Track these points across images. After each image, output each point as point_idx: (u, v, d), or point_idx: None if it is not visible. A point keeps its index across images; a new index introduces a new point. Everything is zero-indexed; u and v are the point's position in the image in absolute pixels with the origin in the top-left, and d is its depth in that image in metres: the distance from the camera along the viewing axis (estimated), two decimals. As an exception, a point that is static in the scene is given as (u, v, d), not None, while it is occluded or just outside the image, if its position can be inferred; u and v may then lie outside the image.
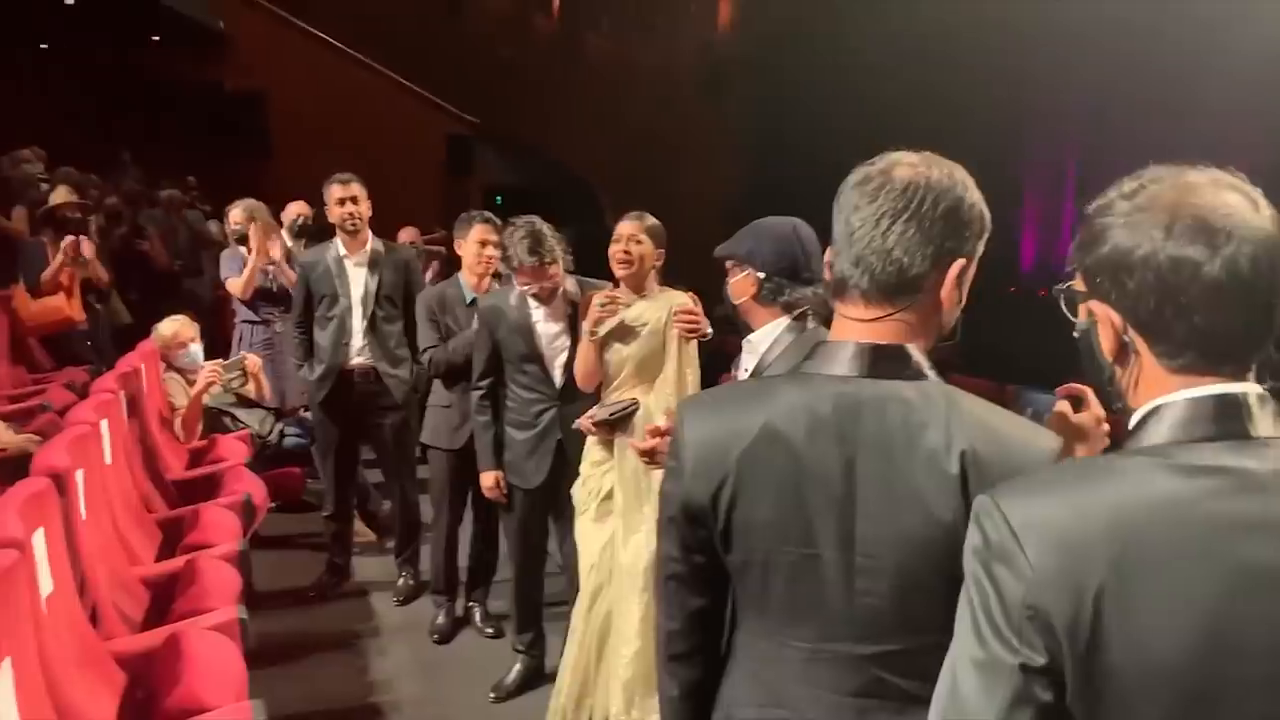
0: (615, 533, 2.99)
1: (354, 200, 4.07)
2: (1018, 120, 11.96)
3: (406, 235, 6.46)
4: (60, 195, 5.72)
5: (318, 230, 5.76)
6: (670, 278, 3.26)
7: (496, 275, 3.91)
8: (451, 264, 4.80)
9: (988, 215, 1.23)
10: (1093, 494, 0.93)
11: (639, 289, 3.05)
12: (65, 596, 2.42)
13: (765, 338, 2.14)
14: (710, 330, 3.01)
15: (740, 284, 2.16)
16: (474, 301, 3.76)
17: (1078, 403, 1.45)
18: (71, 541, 2.57)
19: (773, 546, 1.20)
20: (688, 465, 1.24)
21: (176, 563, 3.12)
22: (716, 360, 5.47)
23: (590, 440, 3.10)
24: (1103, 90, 10.99)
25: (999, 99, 11.23)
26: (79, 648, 2.39)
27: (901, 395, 1.16)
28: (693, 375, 3.00)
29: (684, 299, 3.03)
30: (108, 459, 3.31)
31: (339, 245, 4.15)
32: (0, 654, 1.77)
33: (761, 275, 2.12)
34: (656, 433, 2.26)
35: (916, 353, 1.19)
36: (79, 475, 2.76)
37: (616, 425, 2.97)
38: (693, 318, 2.93)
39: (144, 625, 2.90)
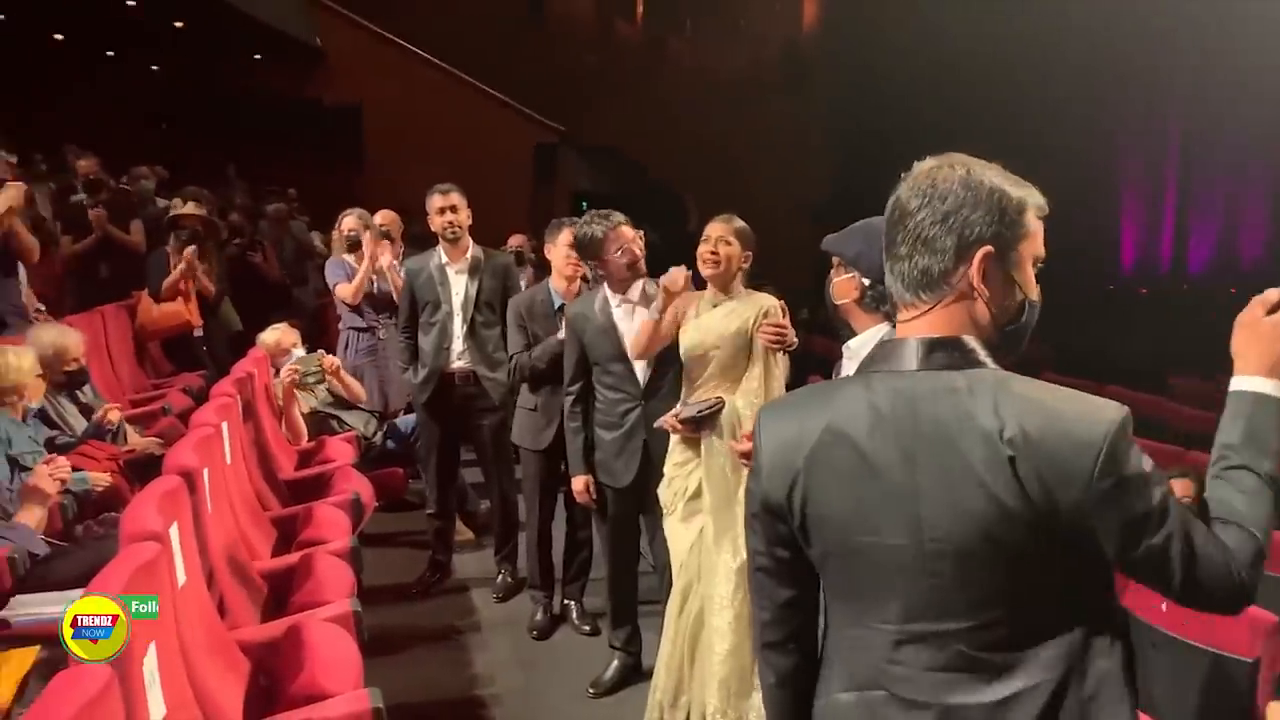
0: (705, 531, 3.03)
1: (453, 209, 4.21)
2: (1115, 117, 11.62)
3: (516, 241, 6.58)
4: (185, 208, 6.04)
5: (412, 238, 5.97)
6: (757, 278, 3.31)
7: (585, 279, 4.00)
8: (541, 269, 4.90)
9: (1014, 198, 1.27)
10: None
11: (725, 289, 3.09)
12: (196, 588, 2.57)
13: (865, 344, 2.12)
14: (796, 341, 3.04)
15: (844, 285, 2.15)
16: (561, 308, 3.86)
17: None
18: (200, 536, 2.73)
19: (846, 538, 1.27)
20: (764, 466, 1.34)
21: (292, 558, 3.27)
22: (807, 361, 5.46)
23: (674, 440, 3.15)
24: (1201, 85, 10.61)
25: (1096, 95, 10.93)
26: (209, 636, 2.54)
27: (954, 385, 1.22)
28: (780, 377, 3.04)
29: (773, 304, 3.05)
30: (228, 459, 3.49)
31: (441, 253, 4.29)
32: (147, 640, 1.90)
33: (866, 281, 2.10)
34: (751, 437, 2.28)
35: (970, 342, 1.25)
36: (205, 474, 2.92)
37: (702, 423, 3.01)
38: (779, 329, 2.95)
39: (264, 617, 3.05)
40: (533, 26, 15.94)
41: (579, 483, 3.58)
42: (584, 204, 15.28)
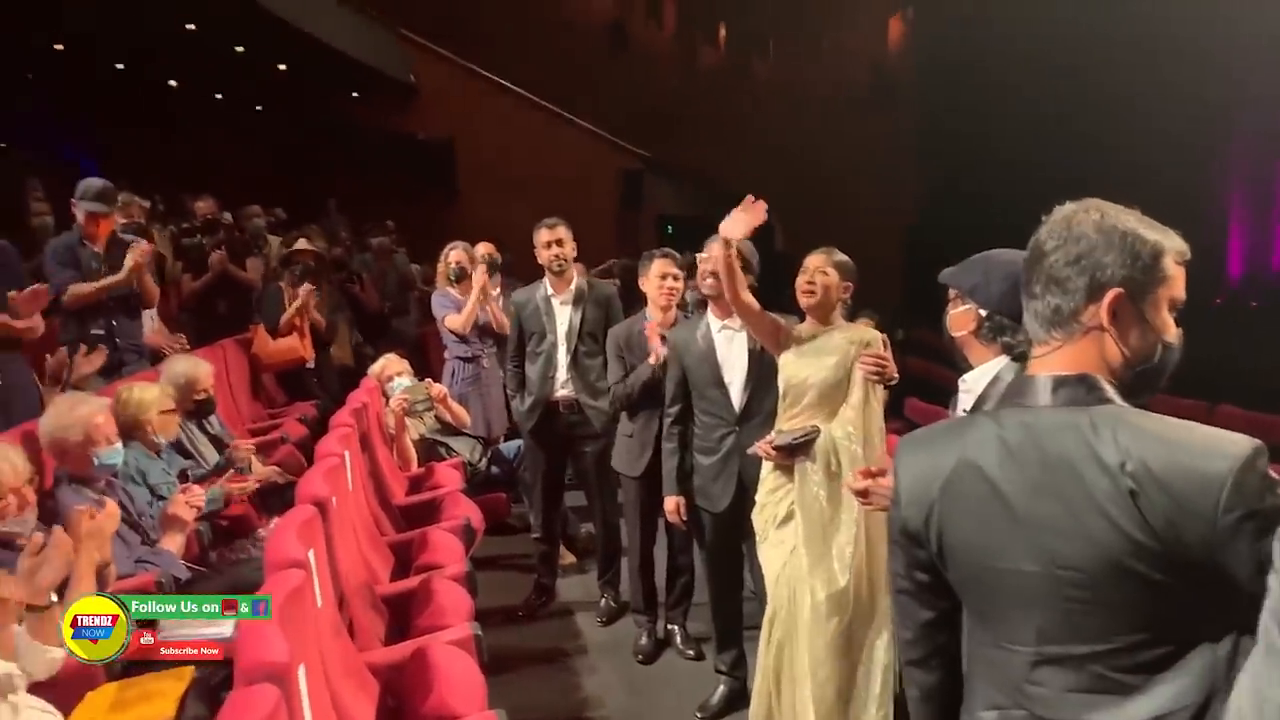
0: (795, 561, 3.04)
1: (559, 243, 4.35)
2: (1224, 128, 11.23)
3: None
4: (300, 244, 6.34)
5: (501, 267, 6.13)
6: (852, 308, 3.32)
7: (682, 306, 4.08)
8: (633, 297, 4.98)
9: (1149, 242, 1.31)
10: None
11: (824, 320, 3.12)
12: (330, 611, 2.71)
13: (982, 377, 2.12)
14: (896, 375, 3.05)
15: (961, 317, 2.15)
16: (661, 338, 3.93)
17: None
18: (332, 562, 2.87)
19: (980, 564, 1.34)
20: (902, 495, 1.42)
21: (411, 582, 3.40)
22: (901, 383, 5.44)
23: (767, 467, 3.17)
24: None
25: (1200, 96, 10.59)
26: (342, 658, 2.67)
27: (1078, 420, 1.27)
28: (879, 408, 3.04)
29: (874, 337, 3.07)
30: (350, 487, 3.65)
31: (547, 284, 4.44)
32: (296, 661, 2.03)
33: (984, 313, 2.11)
34: (868, 474, 2.30)
35: (1097, 379, 1.30)
36: (333, 502, 3.07)
37: (796, 451, 3.03)
38: (879, 360, 2.97)
39: (387, 639, 3.18)
40: (616, 55, 16.19)
41: (670, 503, 3.65)
42: (669, 228, 15.43)
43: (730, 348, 3.49)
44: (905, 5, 16.28)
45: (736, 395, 3.46)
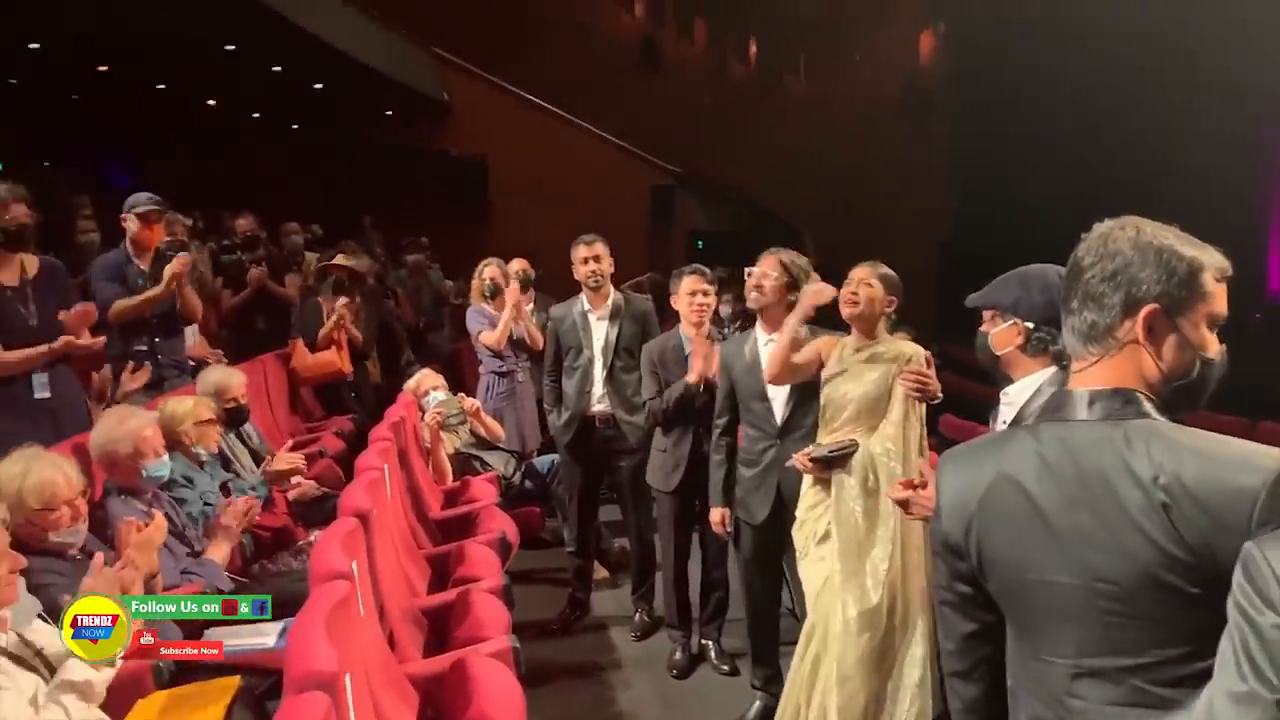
0: (831, 577, 3.04)
1: (596, 259, 4.41)
2: (1263, 141, 11.08)
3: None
4: (339, 259, 6.44)
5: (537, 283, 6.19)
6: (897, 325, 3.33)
7: (716, 322, 4.11)
8: (664, 312, 5.00)
9: (1187, 259, 1.32)
10: None
11: (869, 333, 3.13)
12: (372, 623, 2.75)
13: (1024, 390, 2.13)
14: (939, 394, 3.03)
15: (1004, 334, 2.16)
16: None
17: None
18: (374, 574, 2.92)
19: (1019, 576, 1.35)
20: (943, 508, 1.44)
21: (449, 595, 3.43)
22: (948, 402, 5.43)
23: (807, 483, 3.18)
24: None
25: (1242, 118, 10.46)
26: (384, 668, 2.71)
27: (1113, 434, 1.28)
28: (919, 425, 3.03)
29: (917, 352, 3.07)
30: (389, 500, 3.70)
31: (584, 300, 4.49)
32: (342, 671, 2.06)
33: (1030, 325, 2.12)
34: (909, 485, 2.32)
35: (1132, 393, 1.32)
36: (374, 515, 3.12)
37: (833, 464, 3.04)
38: (921, 378, 2.96)
39: (426, 651, 3.22)
40: (647, 70, 16.30)
41: (716, 515, 3.67)
42: (699, 243, 15.48)
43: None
44: (937, 19, 16.25)
45: (779, 408, 3.47)
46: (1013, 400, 2.15)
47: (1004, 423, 2.17)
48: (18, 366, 3.65)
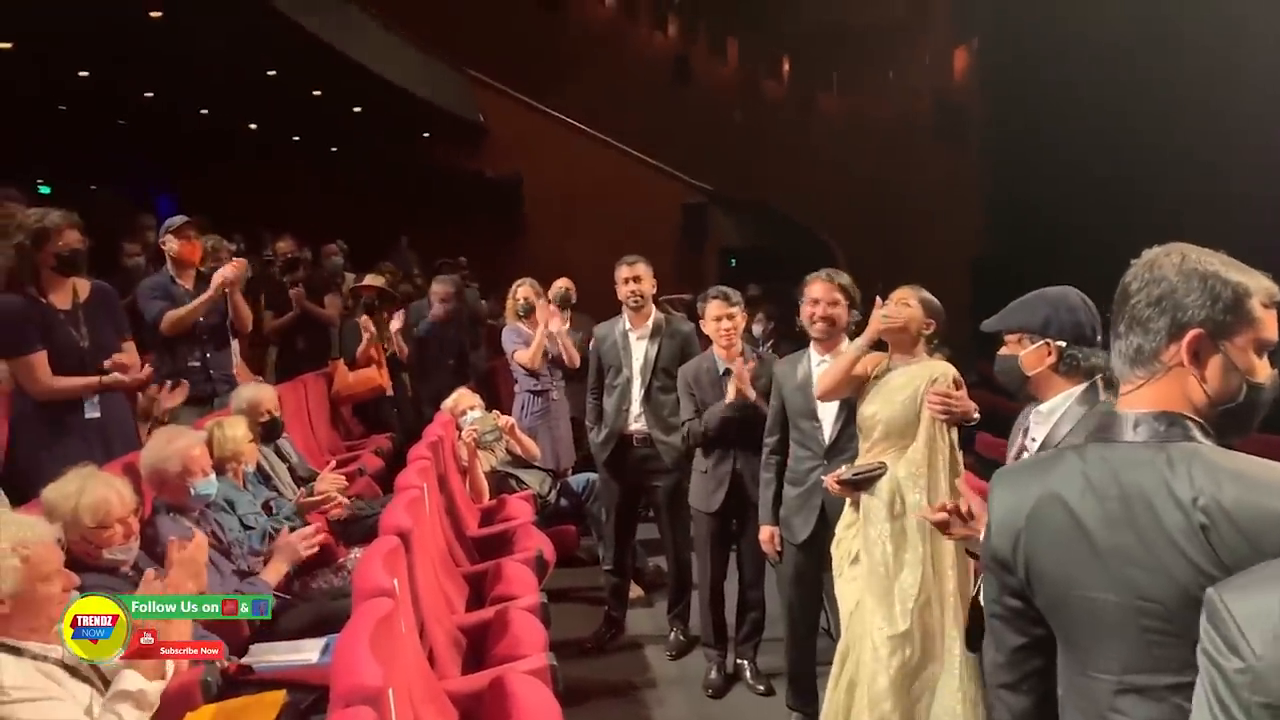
0: (863, 600, 3.05)
1: (637, 279, 4.46)
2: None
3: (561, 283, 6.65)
4: (368, 279, 6.55)
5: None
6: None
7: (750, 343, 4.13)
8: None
9: (1233, 284, 1.35)
10: None
11: (904, 352, 3.14)
12: (413, 640, 2.80)
13: (1057, 408, 2.16)
14: (974, 415, 3.01)
15: (1035, 355, 2.17)
16: (726, 372, 3.99)
17: None
18: (414, 591, 2.97)
19: (1064, 592, 1.38)
20: (993, 524, 1.48)
21: (487, 613, 3.47)
22: (984, 421, 5.40)
23: (848, 503, 3.18)
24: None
25: (1274, 121, 10.30)
26: (424, 685, 2.75)
27: (1156, 456, 1.32)
28: (947, 447, 2.99)
29: (944, 372, 3.04)
30: (428, 518, 3.75)
31: (625, 320, 4.54)
32: (386, 686, 2.11)
33: (1063, 345, 2.14)
34: (943, 508, 2.32)
35: (1177, 416, 1.35)
36: (414, 533, 3.17)
37: (860, 486, 3.04)
38: (946, 399, 2.94)
39: (464, 668, 3.26)
40: (679, 89, 16.40)
41: (764, 533, 3.68)
42: (732, 261, 15.51)
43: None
44: (969, 35, 16.22)
45: (827, 429, 3.46)
46: (1045, 418, 2.16)
47: (1034, 440, 2.18)
48: (69, 393, 3.75)
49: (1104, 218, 11.22)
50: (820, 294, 3.48)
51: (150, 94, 11.29)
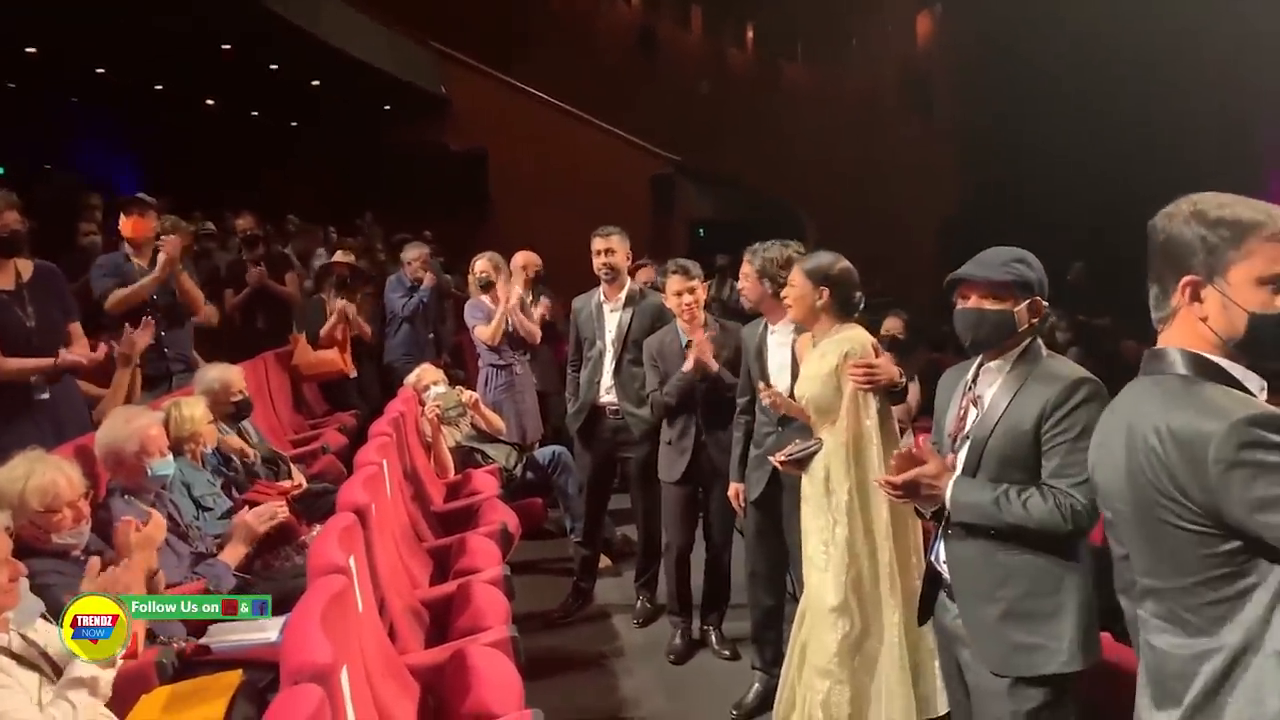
0: (813, 567, 3.08)
1: (610, 251, 4.45)
2: (1261, 117, 10.99)
3: (644, 275, 6.77)
4: (339, 256, 6.47)
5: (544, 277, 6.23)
6: (882, 298, 3.33)
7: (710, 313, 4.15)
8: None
9: (1231, 223, 1.47)
10: None
11: (817, 326, 3.13)
12: (371, 615, 2.79)
13: (1005, 365, 2.19)
14: (900, 381, 3.00)
15: (1024, 312, 2.16)
16: (688, 344, 4.00)
17: None
18: (372, 568, 2.96)
19: (1105, 505, 1.61)
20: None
21: (450, 586, 3.47)
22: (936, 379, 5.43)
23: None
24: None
25: (1245, 96, 10.37)
26: (383, 660, 2.75)
27: (1147, 387, 1.53)
28: (871, 417, 2.98)
29: (857, 344, 3.00)
30: (389, 495, 3.74)
31: (600, 292, 4.53)
32: (339, 663, 2.10)
33: (1046, 305, 2.18)
34: (903, 466, 2.29)
35: (1166, 352, 1.52)
36: (373, 509, 3.15)
37: (802, 464, 3.08)
38: (867, 370, 2.94)
39: (428, 642, 3.26)
40: (644, 60, 16.27)
41: (731, 489, 3.75)
42: (701, 232, 15.47)
43: (776, 352, 3.56)
44: (933, 2, 16.19)
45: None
46: (994, 375, 2.19)
47: (981, 398, 2.19)
48: (16, 375, 3.69)
49: (1073, 181, 11.31)
50: (743, 269, 3.62)
51: (102, 70, 11.04)
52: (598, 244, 4.48)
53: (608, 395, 4.49)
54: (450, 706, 2.65)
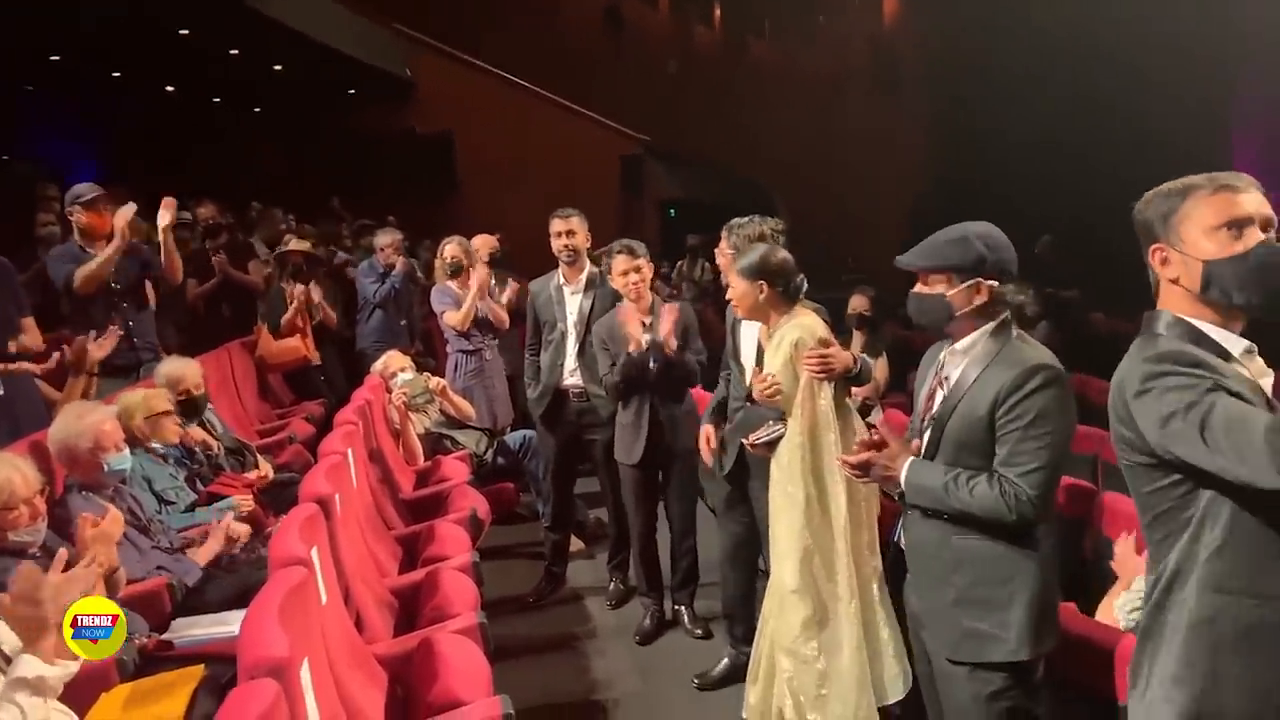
0: (774, 549, 3.10)
1: (570, 233, 4.40)
2: (1227, 101, 11.06)
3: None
4: (294, 244, 6.39)
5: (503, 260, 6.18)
6: (853, 275, 3.32)
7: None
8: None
9: (1176, 188, 1.66)
10: None
11: (767, 319, 3.15)
12: (336, 606, 2.77)
13: (972, 345, 2.17)
14: (850, 365, 3.01)
15: (964, 294, 2.14)
16: (651, 325, 3.98)
17: None
18: (337, 558, 2.93)
19: (1119, 453, 1.73)
20: None
21: (418, 574, 3.46)
22: (905, 357, 5.43)
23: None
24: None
25: (1214, 80, 10.42)
26: (349, 650, 2.73)
27: (1132, 348, 1.68)
28: (825, 402, 3.00)
29: (803, 333, 3.02)
30: (354, 483, 3.71)
31: (560, 274, 4.49)
32: (300, 655, 2.08)
33: (994, 284, 2.13)
34: (868, 446, 2.30)
35: (1150, 316, 1.69)
36: (337, 499, 3.13)
37: (771, 446, 3.09)
38: (823, 360, 2.94)
39: (396, 631, 3.24)
40: (611, 39, 16.14)
41: (702, 432, 3.72)
42: (672, 211, 15.43)
43: (745, 329, 3.55)
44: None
45: (748, 375, 3.49)
46: (960, 357, 2.17)
47: (948, 379, 2.19)
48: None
49: (1041, 155, 11.36)
50: (720, 246, 3.60)
51: (57, 57, 10.81)
52: (557, 225, 4.44)
53: (572, 378, 4.46)
54: (418, 695, 2.64)
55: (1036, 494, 2.03)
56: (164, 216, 4.69)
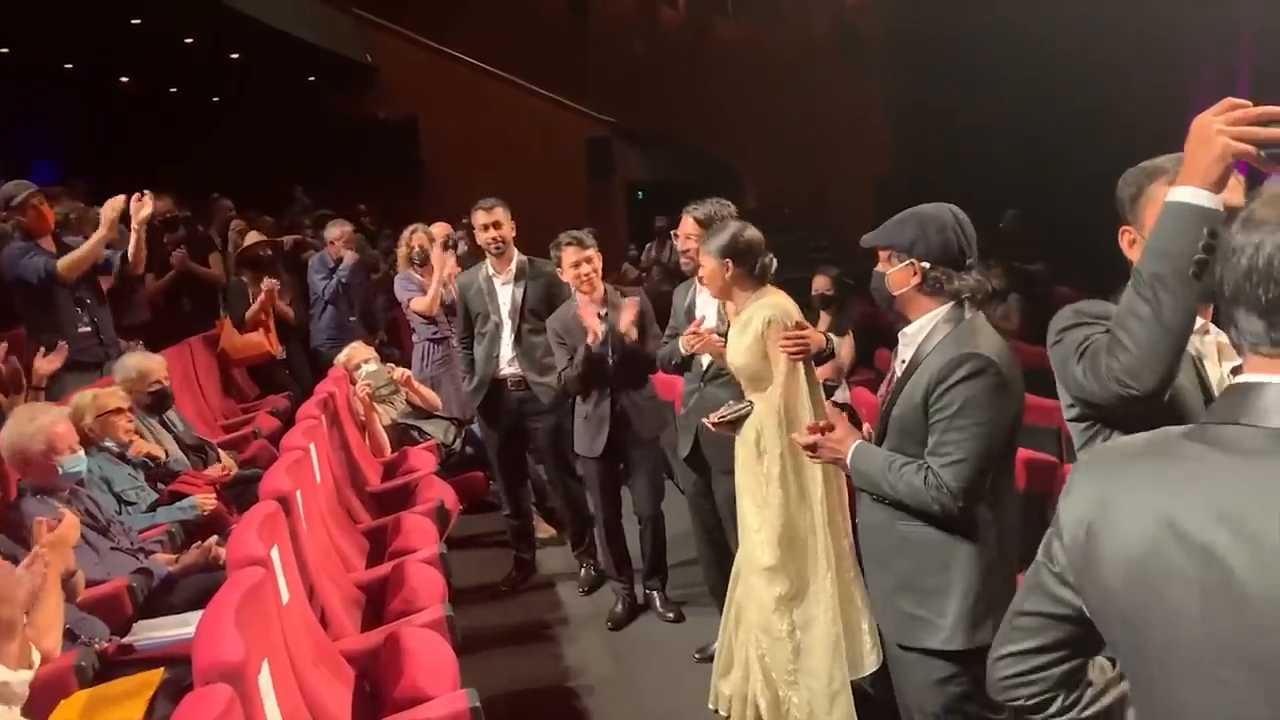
0: (743, 531, 3.11)
1: (496, 225, 4.36)
2: (1190, 84, 11.10)
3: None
4: (251, 237, 6.30)
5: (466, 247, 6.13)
6: (821, 252, 3.32)
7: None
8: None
9: (1145, 171, 1.71)
10: None
11: (735, 298, 3.13)
12: (299, 604, 2.74)
13: (922, 329, 2.14)
14: (823, 345, 3.05)
15: (900, 274, 2.12)
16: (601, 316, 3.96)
17: None
18: (299, 555, 2.90)
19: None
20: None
21: (385, 568, 3.43)
22: (873, 335, 5.43)
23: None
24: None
25: (1179, 57, 10.44)
26: (314, 648, 2.71)
27: None
28: (800, 382, 3.01)
29: (776, 312, 3.01)
30: (318, 478, 3.67)
31: (488, 265, 4.45)
32: (259, 656, 2.05)
33: (926, 265, 2.09)
34: (816, 429, 2.32)
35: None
36: (299, 495, 3.09)
37: (736, 425, 3.09)
38: (797, 341, 2.95)
39: (363, 626, 3.22)
40: (575, 21, 15.99)
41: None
42: (640, 194, 15.35)
43: (705, 308, 3.57)
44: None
45: (705, 357, 3.49)
46: (912, 340, 2.16)
47: (902, 362, 2.18)
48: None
49: (1008, 131, 11.37)
50: (688, 229, 3.58)
51: (5, 50, 10.56)
52: (482, 218, 4.38)
53: (510, 367, 4.44)
54: (385, 691, 2.62)
55: (958, 486, 2.00)
56: (143, 209, 4.60)
